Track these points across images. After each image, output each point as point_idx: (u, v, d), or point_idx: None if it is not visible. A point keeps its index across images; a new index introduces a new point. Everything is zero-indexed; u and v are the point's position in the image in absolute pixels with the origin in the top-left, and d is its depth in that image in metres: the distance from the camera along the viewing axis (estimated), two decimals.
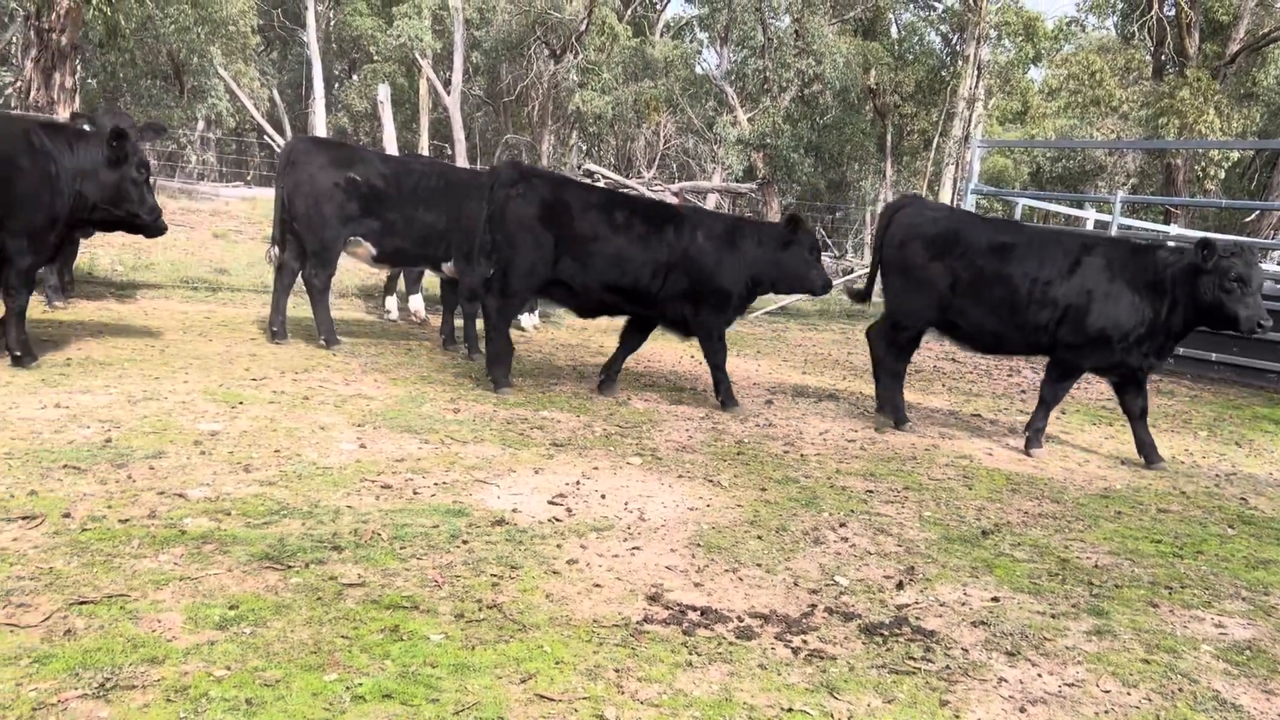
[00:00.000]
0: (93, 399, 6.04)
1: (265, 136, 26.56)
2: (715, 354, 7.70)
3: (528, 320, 11.10)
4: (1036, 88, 38.81)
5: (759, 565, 4.40)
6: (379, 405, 6.66)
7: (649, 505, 5.10)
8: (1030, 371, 11.27)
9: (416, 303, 10.89)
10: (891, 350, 7.63)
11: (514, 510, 4.83)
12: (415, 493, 4.95)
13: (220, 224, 15.53)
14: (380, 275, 11.21)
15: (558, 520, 4.75)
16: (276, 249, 8.77)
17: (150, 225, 7.25)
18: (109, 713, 2.80)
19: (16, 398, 5.87)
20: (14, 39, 32.38)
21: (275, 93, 39.18)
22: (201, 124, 27.76)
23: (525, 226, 7.28)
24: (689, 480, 5.62)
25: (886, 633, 3.83)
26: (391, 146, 21.15)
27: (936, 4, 35.68)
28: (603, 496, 5.17)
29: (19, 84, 19.35)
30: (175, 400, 6.21)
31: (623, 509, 5.01)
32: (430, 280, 11.35)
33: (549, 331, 11.07)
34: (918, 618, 4.00)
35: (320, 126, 35.04)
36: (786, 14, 29.25)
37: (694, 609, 3.86)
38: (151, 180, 7.22)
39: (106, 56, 25.14)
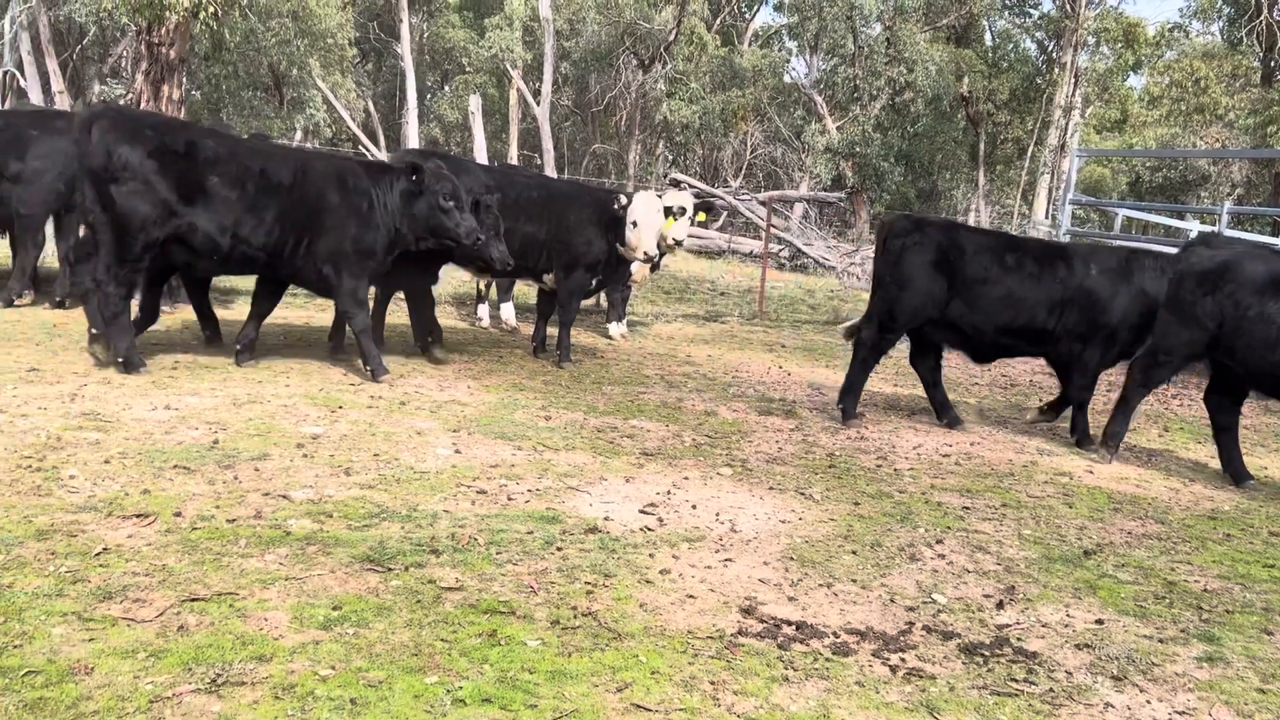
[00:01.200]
0: (200, 401, 6.24)
1: (360, 147, 27.20)
2: (1084, 391, 7.73)
3: (615, 329, 11.14)
4: (1136, 95, 37.72)
5: (854, 581, 4.34)
6: (472, 411, 6.76)
7: (740, 517, 5.08)
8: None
9: (508, 311, 11.03)
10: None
11: (606, 518, 4.85)
12: (509, 499, 5.01)
13: None
14: (474, 282, 11.39)
15: (649, 530, 4.76)
16: None
17: (473, 248, 7.61)
18: (221, 708, 2.89)
19: (130, 399, 6.10)
20: (124, 52, 33.72)
21: (370, 104, 40.09)
22: (299, 134, 28.52)
23: (920, 272, 7.47)
24: (780, 493, 5.58)
25: (987, 653, 3.75)
26: (482, 156, 21.49)
27: (1032, 10, 34.97)
28: (694, 507, 5.17)
29: (130, 96, 20.17)
30: (278, 404, 6.38)
31: (714, 520, 5.00)
32: (521, 290, 11.48)
33: (636, 340, 11.10)
34: (1019, 638, 3.91)
35: (413, 137, 35.77)
36: (878, 22, 28.97)
37: (789, 623, 3.83)
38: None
39: (211, 69, 26.00)
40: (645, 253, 8.83)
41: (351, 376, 7.44)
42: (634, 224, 8.73)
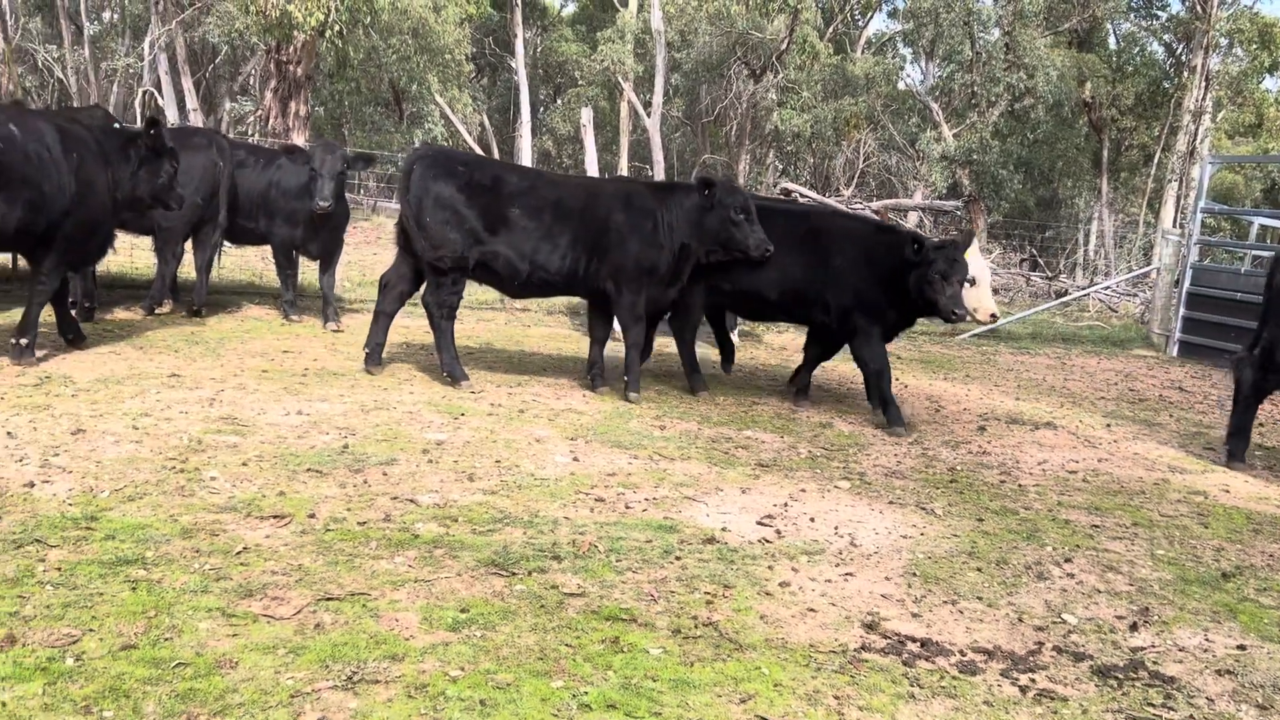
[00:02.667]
0: (330, 407, 6.46)
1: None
2: None
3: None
4: (1273, 98, 35.98)
5: (979, 598, 4.25)
6: (589, 420, 6.84)
7: (860, 531, 5.02)
8: (1269, 403, 10.43)
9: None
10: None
11: (723, 529, 4.85)
12: (627, 507, 5.05)
13: None
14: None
15: (767, 541, 4.74)
16: None
17: (759, 256, 7.67)
18: (357, 704, 2.99)
19: (264, 405, 6.35)
20: (253, 70, 35.16)
21: (485, 118, 40.94)
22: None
23: None
24: (900, 507, 5.49)
25: (1121, 676, 3.63)
26: (593, 169, 21.75)
27: (1160, 13, 33.72)
28: (811, 520, 5.13)
29: (259, 112, 21.11)
30: (403, 410, 6.56)
31: (833, 533, 4.95)
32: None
33: (748, 350, 11.06)
34: (1155, 662, 3.77)
35: (526, 150, 36.39)
36: (996, 27, 28.31)
37: (913, 640, 3.77)
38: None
39: (334, 85, 26.92)
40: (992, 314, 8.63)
41: (473, 385, 7.59)
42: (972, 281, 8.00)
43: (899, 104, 36.68)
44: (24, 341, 6.88)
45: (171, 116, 26.71)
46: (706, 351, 10.53)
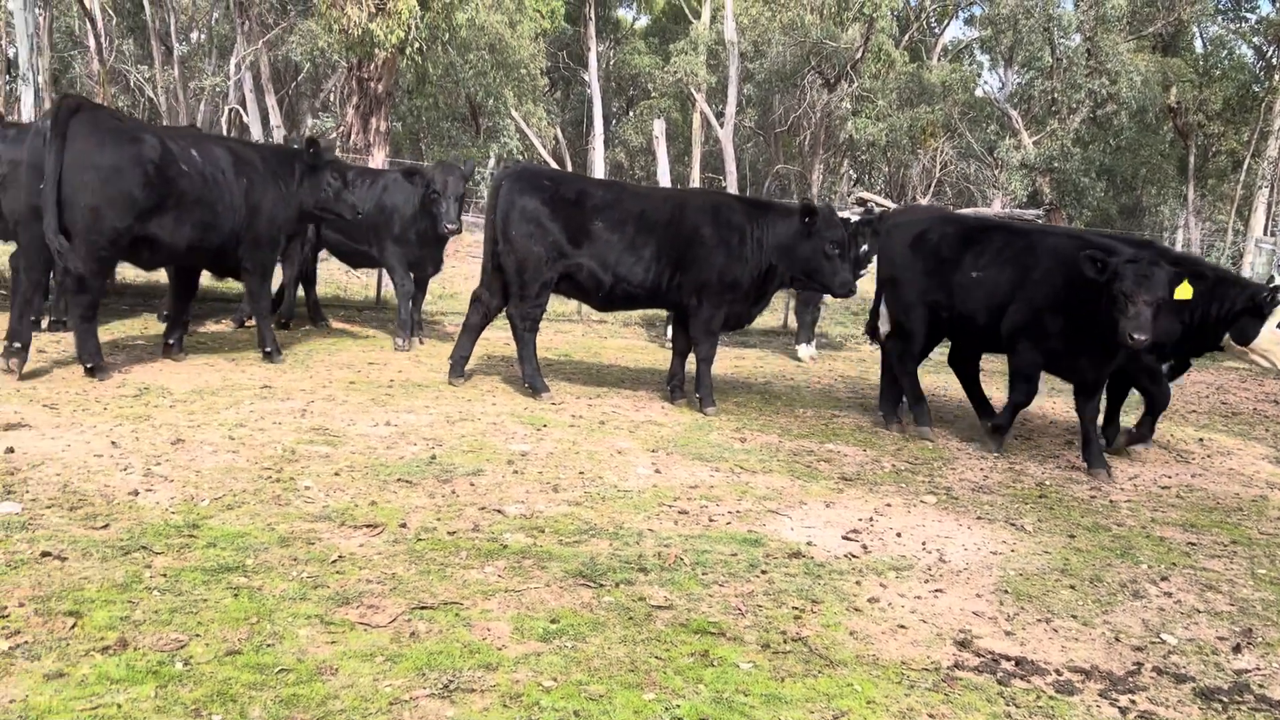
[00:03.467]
0: (416, 418, 6.58)
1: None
2: None
3: (804, 351, 11.07)
4: None
5: (1074, 617, 4.16)
6: (669, 432, 6.85)
7: (948, 547, 4.95)
8: None
9: (805, 351, 11.05)
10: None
11: (809, 543, 4.83)
12: (711, 520, 5.05)
13: None
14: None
15: (854, 556, 4.71)
16: None
17: (841, 295, 7.83)
18: (454, 713, 3.04)
19: (354, 415, 6.49)
20: (333, 87, 35.94)
21: (559, 131, 41.33)
22: (493, 161, 29.74)
23: None
24: (989, 523, 5.41)
25: (1225, 699, 3.53)
26: (665, 180, 21.80)
27: (1249, 14, 32.76)
28: (898, 535, 5.07)
29: (341, 129, 21.58)
30: (487, 421, 6.65)
31: (920, 549, 4.89)
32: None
33: (826, 363, 10.99)
34: (1261, 685, 3.66)
35: (599, 162, 36.59)
36: (1077, 33, 27.77)
37: (1007, 658, 3.71)
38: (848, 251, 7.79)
39: (413, 101, 27.42)
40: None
41: (554, 396, 7.66)
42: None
43: (976, 111, 36.16)
44: (268, 350, 8.07)
45: (255, 133, 27.44)
46: (784, 363, 10.47)
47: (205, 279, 8.52)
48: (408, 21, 17.65)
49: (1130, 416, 7.79)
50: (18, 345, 6.70)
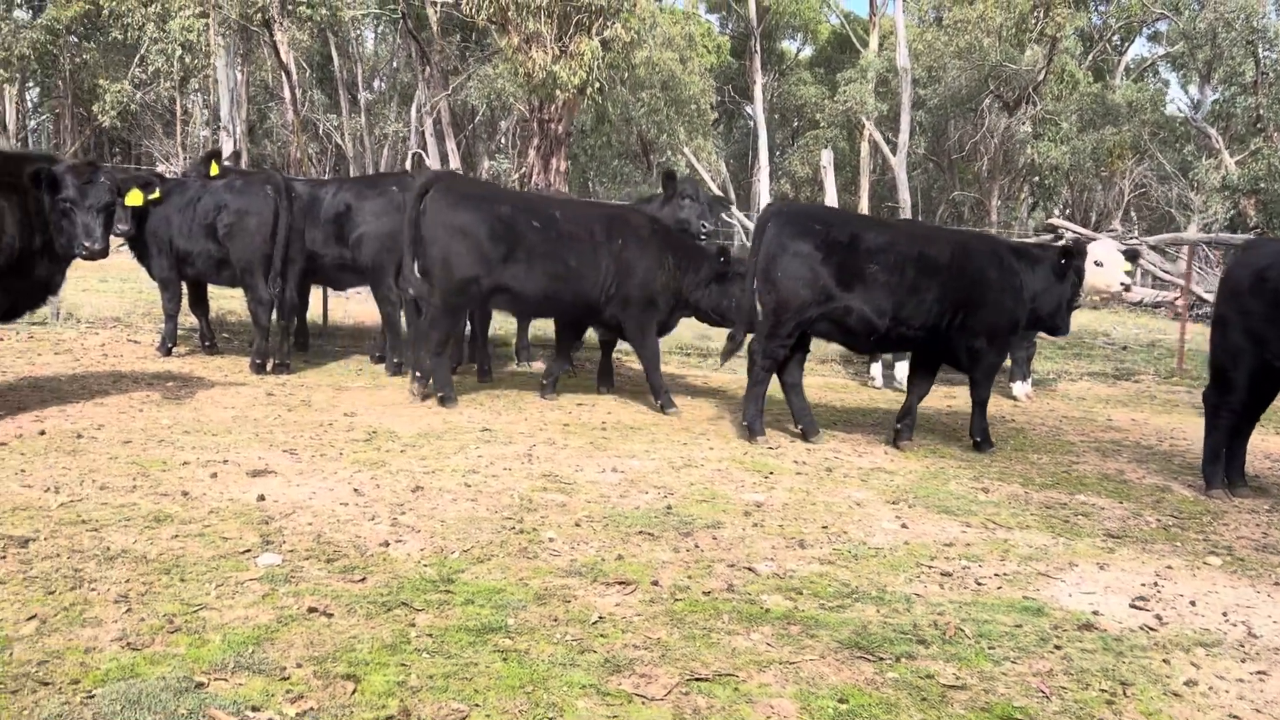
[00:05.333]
0: (639, 464, 6.41)
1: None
2: None
3: (1019, 389, 10.46)
4: None
5: None
6: (902, 481, 6.47)
7: (1254, 619, 4.41)
8: None
9: (1020, 389, 10.53)
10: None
11: (1095, 612, 4.37)
12: (978, 583, 4.66)
13: None
14: None
15: (1150, 629, 4.23)
16: None
17: (1066, 332, 7.99)
18: None
19: (577, 461, 6.37)
20: (507, 129, 36.96)
21: (723, 164, 41.37)
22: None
23: None
24: None
25: None
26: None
27: None
28: (1192, 603, 4.55)
29: (523, 170, 22.08)
30: (711, 468, 6.43)
31: (1223, 620, 4.37)
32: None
33: (1044, 401, 10.35)
34: None
35: (764, 194, 36.35)
36: None
37: None
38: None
39: (586, 140, 27.88)
40: None
41: (773, 439, 7.39)
42: None
43: (1166, 132, 34.26)
44: (661, 402, 8.41)
45: None
46: (999, 402, 9.89)
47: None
48: (590, 63, 17.91)
49: None
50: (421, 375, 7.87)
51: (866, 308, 7.18)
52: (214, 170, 8.80)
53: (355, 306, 12.64)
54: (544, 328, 11.24)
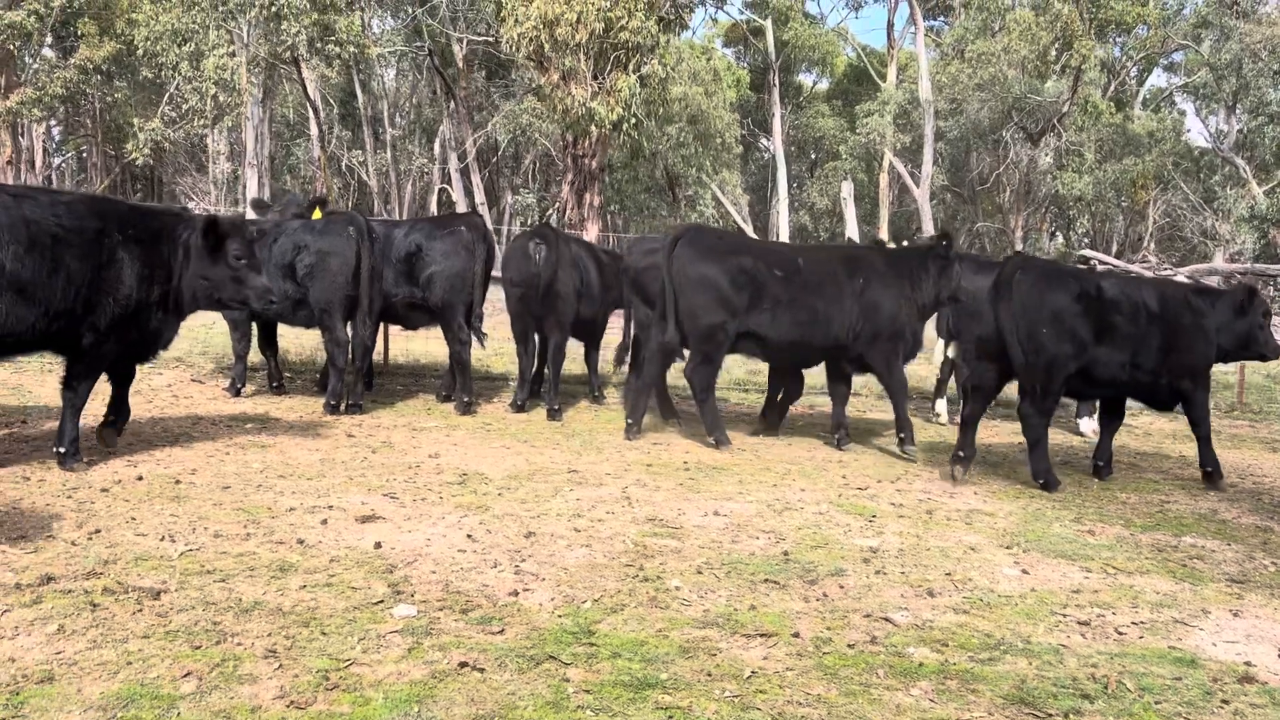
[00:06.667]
0: (739, 506, 6.32)
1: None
2: None
3: (1086, 425, 10.36)
4: None
5: None
6: (1004, 523, 6.38)
7: None
8: None
9: (1087, 425, 10.42)
10: None
11: (1247, 664, 4.26)
12: (1119, 632, 4.55)
13: None
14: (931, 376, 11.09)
15: None
16: None
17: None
18: None
19: (675, 504, 6.29)
20: (531, 165, 37.10)
21: (743, 196, 41.47)
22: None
23: None
24: None
25: None
26: (855, 238, 21.36)
27: None
28: None
29: (557, 205, 22.12)
30: (811, 511, 6.34)
31: None
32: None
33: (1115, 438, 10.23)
34: None
35: (783, 226, 36.39)
36: None
37: None
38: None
39: (615, 174, 27.97)
40: None
41: (849, 478, 7.31)
42: None
43: (1189, 161, 34.29)
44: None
45: (462, 210, 28.46)
46: (1064, 438, 9.77)
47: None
48: (627, 98, 17.97)
49: None
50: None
51: (1112, 359, 7.47)
52: (316, 215, 8.78)
53: (416, 345, 12.60)
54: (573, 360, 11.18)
